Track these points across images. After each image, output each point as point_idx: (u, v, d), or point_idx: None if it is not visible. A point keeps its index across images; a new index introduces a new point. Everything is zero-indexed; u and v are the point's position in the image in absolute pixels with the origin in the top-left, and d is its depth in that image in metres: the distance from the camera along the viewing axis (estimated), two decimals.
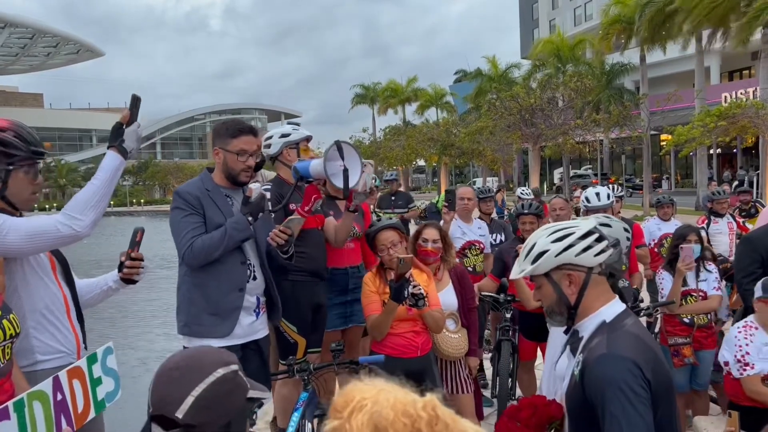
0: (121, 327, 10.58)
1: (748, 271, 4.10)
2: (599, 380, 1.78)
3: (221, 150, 3.08)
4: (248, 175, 3.11)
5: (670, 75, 37.60)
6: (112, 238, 23.74)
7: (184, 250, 2.96)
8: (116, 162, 2.48)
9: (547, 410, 2.09)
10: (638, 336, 1.88)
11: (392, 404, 0.85)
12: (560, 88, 26.86)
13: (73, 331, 2.50)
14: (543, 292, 2.02)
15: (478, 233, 5.64)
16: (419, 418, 0.83)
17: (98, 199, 2.40)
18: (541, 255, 1.97)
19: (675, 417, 1.89)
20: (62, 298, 2.49)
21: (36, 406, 1.97)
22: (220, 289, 3.02)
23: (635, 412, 1.71)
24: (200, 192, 3.06)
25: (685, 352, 4.35)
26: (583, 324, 1.97)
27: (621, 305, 1.99)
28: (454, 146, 32.36)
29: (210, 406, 1.19)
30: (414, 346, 3.46)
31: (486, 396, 5.24)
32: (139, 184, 64.37)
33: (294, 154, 3.82)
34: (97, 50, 72.89)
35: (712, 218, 7.30)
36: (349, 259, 4.04)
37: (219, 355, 1.28)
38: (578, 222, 2.08)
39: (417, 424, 0.83)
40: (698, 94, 26.81)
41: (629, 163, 42.67)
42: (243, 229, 2.99)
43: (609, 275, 2.17)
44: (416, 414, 0.84)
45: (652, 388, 1.77)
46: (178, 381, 1.21)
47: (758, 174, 22.56)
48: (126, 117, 2.55)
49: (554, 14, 53.49)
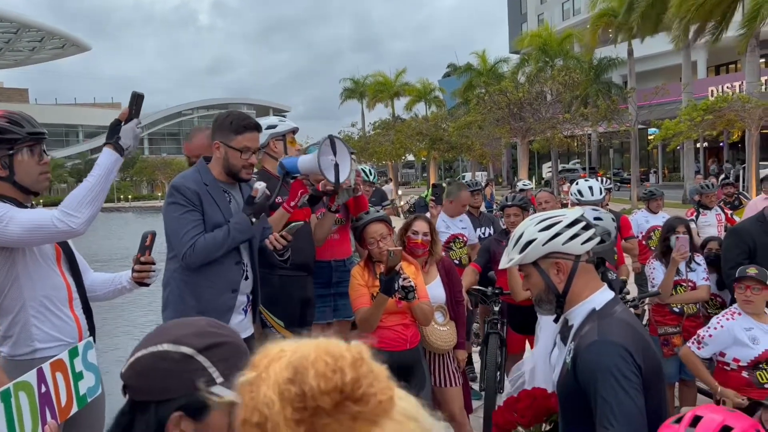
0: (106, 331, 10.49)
1: (735, 262, 4.14)
2: (591, 366, 1.79)
3: (222, 145, 2.94)
4: (249, 172, 3.01)
5: (657, 69, 37.77)
6: (102, 234, 23.60)
7: (185, 250, 2.84)
8: (112, 159, 2.47)
9: (546, 402, 2.10)
10: (628, 322, 1.90)
11: (314, 346, 0.81)
12: (548, 82, 26.91)
13: (75, 321, 2.52)
14: (531, 281, 2.03)
15: (460, 226, 5.69)
16: (342, 357, 0.78)
17: (94, 195, 2.40)
18: (529, 244, 1.98)
19: (665, 402, 1.91)
20: (65, 288, 2.51)
21: (22, 397, 1.97)
22: (213, 290, 2.93)
23: (627, 396, 1.72)
24: (198, 186, 2.93)
25: (675, 341, 4.40)
26: (573, 312, 1.98)
27: (610, 293, 2.01)
28: (443, 140, 32.35)
29: (144, 374, 1.17)
30: (403, 338, 3.45)
31: (475, 389, 5.24)
32: (126, 180, 63.88)
33: (281, 146, 3.76)
34: (84, 45, 72.20)
35: (700, 211, 7.36)
36: (333, 252, 3.98)
37: (185, 332, 1.21)
38: (565, 211, 2.08)
39: (340, 363, 0.77)
40: (685, 88, 26.96)
41: (617, 157, 42.89)
42: (245, 230, 2.91)
43: (597, 264, 2.18)
44: (340, 353, 0.79)
45: (643, 373, 1.78)
46: (142, 340, 1.23)
47: (744, 168, 22.75)
48: (124, 114, 2.53)
49: (542, 8, 53.52)
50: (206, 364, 1.17)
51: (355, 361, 0.79)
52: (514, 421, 2.13)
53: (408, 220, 3.94)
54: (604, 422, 1.73)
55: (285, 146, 3.77)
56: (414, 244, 3.77)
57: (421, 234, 3.77)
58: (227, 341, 1.23)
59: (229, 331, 1.28)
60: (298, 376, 0.77)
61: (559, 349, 2.05)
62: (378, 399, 0.77)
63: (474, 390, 5.16)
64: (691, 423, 1.44)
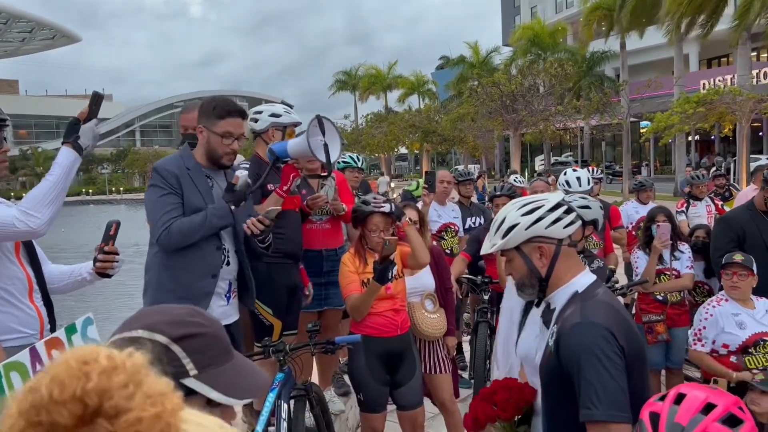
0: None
1: (724, 250, 4.17)
2: (574, 348, 1.79)
3: (205, 129, 2.94)
4: (231, 159, 2.99)
5: (650, 62, 37.86)
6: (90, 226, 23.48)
7: (160, 232, 2.84)
8: (71, 158, 2.43)
9: (522, 394, 2.10)
10: (611, 304, 1.90)
11: (76, 350, 0.66)
12: (541, 74, 26.94)
13: (37, 312, 2.46)
14: (514, 266, 2.03)
15: (452, 215, 5.70)
16: (94, 362, 0.63)
17: (54, 195, 2.37)
18: (512, 229, 1.97)
19: (647, 384, 1.92)
20: (25, 280, 2.45)
21: (14, 377, 1.94)
22: (192, 274, 2.91)
23: (610, 377, 1.72)
24: (180, 170, 2.92)
25: (659, 329, 4.44)
26: (555, 296, 1.99)
27: (591, 276, 2.01)
28: (435, 133, 32.38)
29: None
30: (394, 324, 3.45)
31: (464, 378, 5.26)
32: (118, 172, 63.58)
33: (279, 136, 3.70)
34: (74, 36, 71.58)
35: (691, 201, 7.39)
36: (324, 241, 3.97)
37: (161, 320, 1.14)
38: (547, 195, 2.08)
39: (87, 368, 0.63)
40: (677, 81, 27.06)
41: (609, 150, 43.02)
42: (224, 216, 2.89)
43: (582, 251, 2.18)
44: (94, 358, 0.64)
45: (626, 354, 1.79)
46: (121, 324, 1.17)
47: (735, 161, 22.87)
48: (84, 113, 2.49)
49: (535, 1, 53.45)
50: (180, 355, 1.10)
51: (111, 368, 0.64)
52: (494, 416, 2.12)
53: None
54: (587, 403, 1.73)
55: (283, 138, 3.70)
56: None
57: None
58: (205, 332, 1.14)
59: (209, 321, 1.19)
60: (35, 383, 0.63)
61: (541, 333, 2.05)
62: (136, 416, 0.62)
63: (464, 378, 5.18)
64: (675, 400, 1.45)
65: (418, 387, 3.60)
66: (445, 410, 3.90)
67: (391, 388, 3.55)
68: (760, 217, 4.21)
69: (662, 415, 1.44)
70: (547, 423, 2.01)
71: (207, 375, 1.11)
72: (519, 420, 2.12)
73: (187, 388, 1.09)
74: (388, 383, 3.52)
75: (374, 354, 3.45)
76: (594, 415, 1.71)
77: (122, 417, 0.62)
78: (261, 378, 1.20)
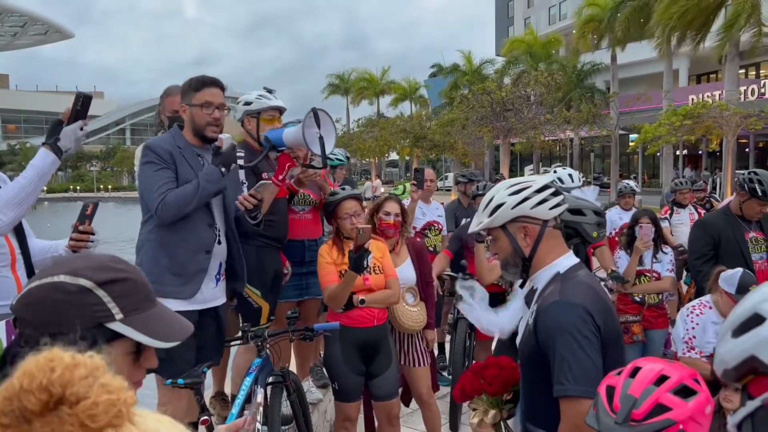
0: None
1: (701, 253, 4.25)
2: (551, 325, 1.82)
3: (187, 107, 3.03)
4: (215, 130, 3.05)
5: (640, 77, 38.17)
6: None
7: (156, 204, 2.88)
8: (48, 161, 2.40)
9: (513, 373, 2.12)
10: (590, 285, 1.93)
11: (51, 351, 0.75)
12: (531, 83, 27.09)
13: (17, 282, 2.45)
14: (499, 245, 2.05)
15: (436, 214, 5.74)
16: (59, 359, 0.74)
17: (23, 197, 2.34)
18: (498, 207, 2.00)
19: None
20: (8, 251, 2.45)
21: None
22: (186, 250, 2.97)
23: (584, 354, 1.75)
24: (172, 147, 2.99)
25: (635, 329, 4.50)
26: (538, 276, 2.01)
27: (574, 258, 2.04)
28: (426, 138, 32.41)
29: (37, 306, 1.09)
30: (371, 315, 3.48)
31: (444, 375, 5.29)
32: (107, 170, 63.14)
33: (254, 123, 3.71)
34: (67, 32, 71.18)
35: (674, 209, 7.47)
36: (306, 231, 3.99)
37: (84, 265, 1.13)
38: (535, 177, 2.12)
39: (52, 363, 0.73)
40: (666, 95, 27.31)
41: (598, 162, 43.30)
42: (216, 180, 2.95)
43: (570, 236, 2.21)
44: (59, 356, 0.74)
45: (602, 334, 1.81)
46: (38, 272, 1.16)
47: (721, 176, 23.09)
48: (67, 115, 2.46)
49: (529, 12, 53.79)
50: (105, 299, 1.10)
51: (74, 364, 0.73)
52: (480, 389, 2.15)
53: (378, 201, 3.96)
54: (561, 378, 1.75)
55: (258, 124, 3.69)
56: (386, 225, 3.79)
57: (392, 215, 3.79)
58: (129, 277, 1.16)
59: (131, 267, 1.20)
60: (10, 380, 0.74)
61: (523, 313, 2.09)
62: (93, 401, 0.71)
63: (442, 375, 5.21)
64: (630, 374, 1.49)
65: (394, 378, 3.63)
66: (422, 403, 3.93)
67: (367, 378, 3.58)
68: (736, 222, 4.29)
69: (617, 387, 1.46)
70: (524, 400, 2.04)
71: (132, 319, 1.13)
72: (507, 400, 2.15)
73: (112, 332, 1.11)
74: (363, 373, 3.55)
75: (350, 344, 3.48)
76: (567, 390, 1.74)
77: (81, 403, 0.72)
78: (184, 323, 1.23)
